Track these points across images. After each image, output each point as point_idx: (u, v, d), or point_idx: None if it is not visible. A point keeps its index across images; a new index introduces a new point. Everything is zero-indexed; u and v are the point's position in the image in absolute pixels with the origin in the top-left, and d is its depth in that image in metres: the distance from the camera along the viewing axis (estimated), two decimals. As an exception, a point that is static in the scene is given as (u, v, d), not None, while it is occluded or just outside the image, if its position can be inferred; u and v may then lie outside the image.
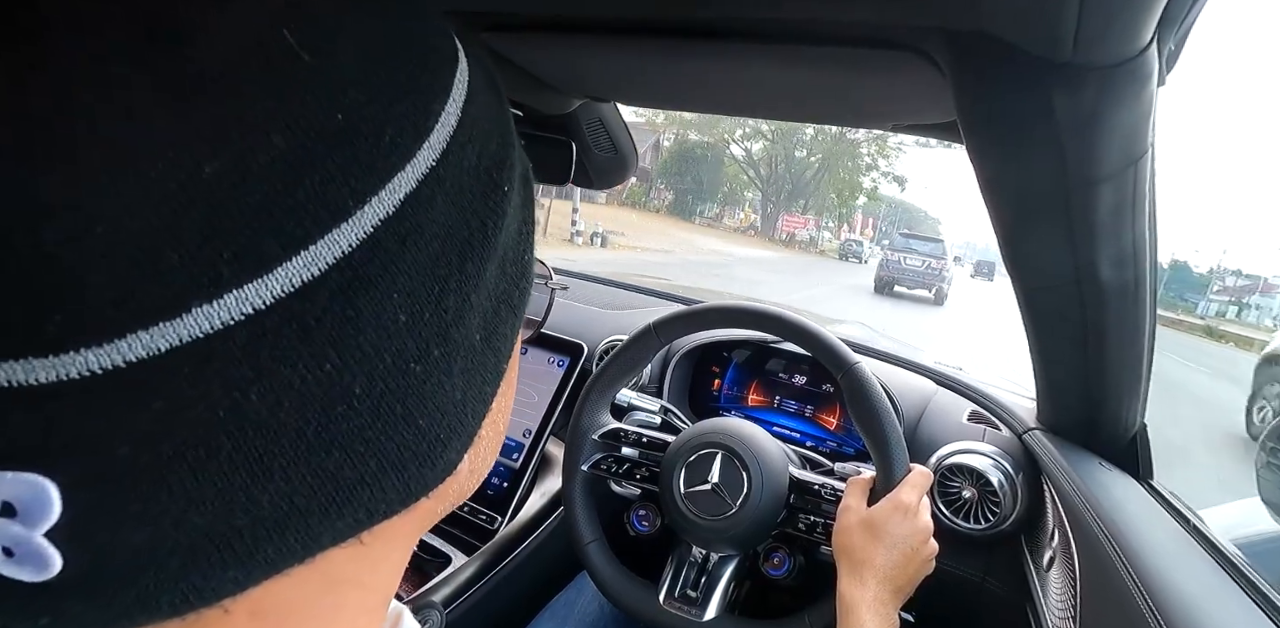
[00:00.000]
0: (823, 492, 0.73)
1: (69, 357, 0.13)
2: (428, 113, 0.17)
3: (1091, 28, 0.31)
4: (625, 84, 0.67)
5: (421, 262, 0.17)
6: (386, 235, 0.16)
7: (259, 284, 0.14)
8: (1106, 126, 0.38)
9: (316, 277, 0.15)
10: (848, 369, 0.69)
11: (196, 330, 0.14)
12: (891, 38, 0.41)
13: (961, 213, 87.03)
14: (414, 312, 0.17)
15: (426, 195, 0.17)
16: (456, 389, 0.19)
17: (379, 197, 0.16)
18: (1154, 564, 0.50)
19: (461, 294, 0.18)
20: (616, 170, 0.89)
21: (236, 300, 0.14)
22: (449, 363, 0.18)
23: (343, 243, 0.15)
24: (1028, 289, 0.59)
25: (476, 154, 0.19)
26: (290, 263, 0.15)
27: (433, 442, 0.18)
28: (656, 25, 0.48)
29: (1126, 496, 0.64)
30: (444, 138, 0.17)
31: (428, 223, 0.17)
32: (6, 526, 0.14)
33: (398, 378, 0.17)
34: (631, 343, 0.80)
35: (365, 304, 0.16)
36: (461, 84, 0.19)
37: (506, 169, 0.20)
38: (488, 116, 0.20)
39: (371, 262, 0.16)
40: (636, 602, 0.76)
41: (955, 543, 0.79)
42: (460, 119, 0.18)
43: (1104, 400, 0.66)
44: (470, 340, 0.19)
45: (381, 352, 0.16)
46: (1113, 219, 0.47)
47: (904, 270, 14.34)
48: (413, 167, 0.17)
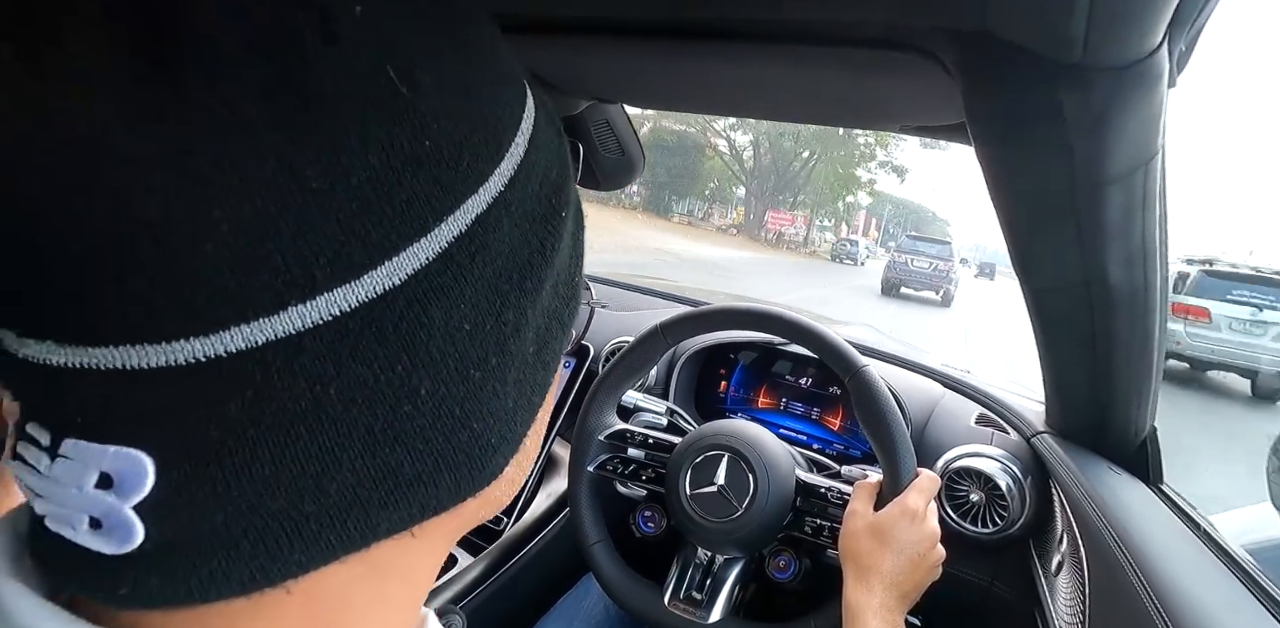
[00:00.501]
0: (829, 495, 0.72)
1: (179, 344, 0.15)
2: (500, 143, 0.19)
3: (1101, 29, 0.31)
4: (632, 86, 0.68)
5: (487, 276, 0.18)
6: (459, 251, 0.18)
7: (348, 288, 0.16)
8: (1116, 128, 0.38)
9: (397, 285, 0.17)
10: (855, 372, 0.69)
11: (290, 327, 0.15)
12: (899, 39, 0.41)
13: (970, 214, 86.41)
14: (478, 322, 0.18)
15: (495, 217, 0.19)
16: (509, 397, 0.20)
17: (454, 216, 0.17)
18: (1164, 570, 0.50)
19: (520, 309, 0.20)
20: (624, 172, 0.89)
21: (327, 302, 0.16)
22: (504, 372, 0.20)
23: (422, 255, 0.17)
24: (1036, 291, 0.59)
25: (539, 182, 0.20)
26: (376, 271, 0.16)
27: (484, 445, 0.20)
28: (663, 26, 0.48)
29: (1136, 500, 0.63)
30: (512, 166, 0.19)
31: (494, 242, 0.19)
32: (102, 497, 0.16)
33: (459, 382, 0.18)
34: (638, 344, 0.80)
35: (437, 312, 0.17)
36: (529, 120, 0.21)
37: (563, 196, 0.22)
38: (549, 149, 0.21)
39: (445, 273, 0.17)
40: (641, 603, 0.76)
41: (962, 547, 0.78)
42: (527, 150, 0.20)
43: (1113, 404, 0.66)
44: (524, 352, 0.20)
45: (447, 357, 0.18)
46: (1122, 221, 0.46)
47: (911, 272, 14.36)
48: (484, 190, 0.18)
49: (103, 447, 0.16)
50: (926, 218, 68.27)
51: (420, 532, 0.20)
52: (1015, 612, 0.77)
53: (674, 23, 0.47)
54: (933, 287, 14.38)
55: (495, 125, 0.19)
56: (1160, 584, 0.48)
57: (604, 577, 0.78)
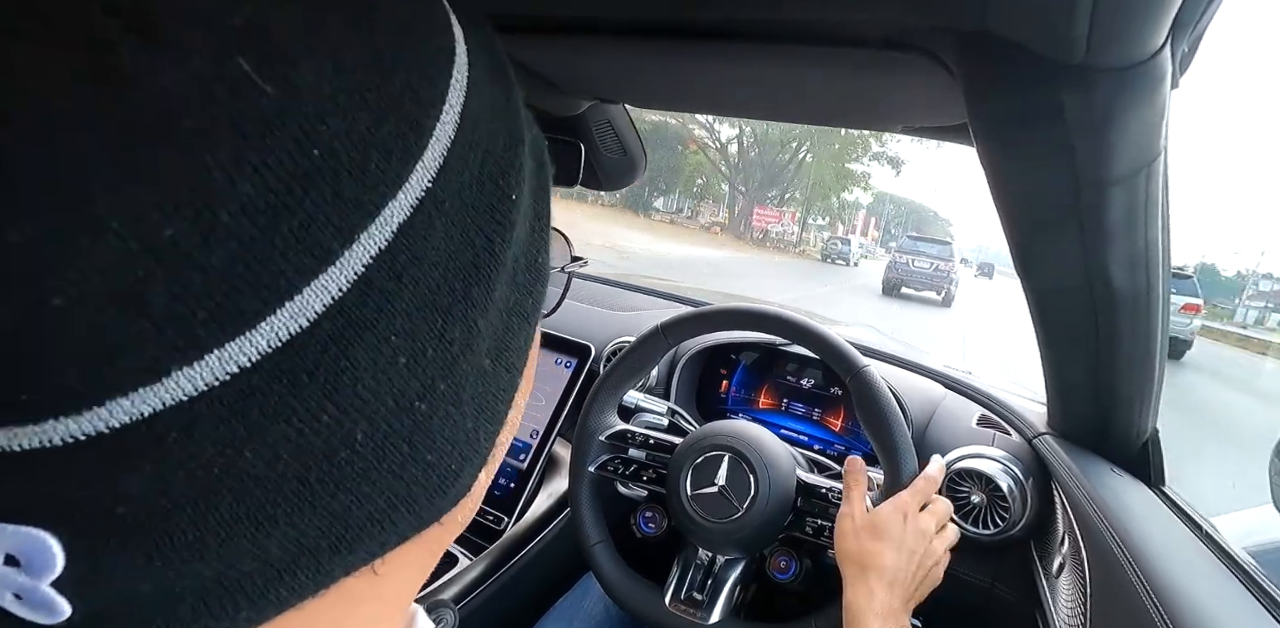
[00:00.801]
0: (830, 495, 0.72)
1: (49, 425, 0.13)
2: (420, 129, 0.15)
3: (1104, 30, 0.31)
4: (634, 86, 0.68)
5: (420, 296, 0.15)
6: (379, 274, 0.15)
7: (241, 342, 0.13)
8: (1119, 129, 0.38)
9: (305, 328, 0.14)
10: (856, 373, 0.69)
11: (179, 393, 0.13)
12: (901, 39, 0.41)
13: (973, 215, 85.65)
14: (415, 351, 0.16)
15: (423, 222, 0.15)
16: (467, 418, 0.18)
17: (368, 232, 0.14)
18: (1166, 572, 0.50)
19: (467, 322, 0.17)
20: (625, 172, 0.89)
21: (219, 360, 0.13)
22: (457, 393, 0.17)
23: (331, 289, 0.14)
24: (1038, 292, 0.59)
25: (479, 163, 0.17)
26: (274, 317, 0.13)
27: (444, 473, 0.18)
28: (665, 27, 0.48)
29: (1138, 502, 0.63)
30: (440, 153, 0.16)
31: (426, 252, 0.15)
32: (13, 575, 0.14)
33: (402, 419, 0.16)
34: (639, 344, 0.80)
35: (361, 351, 0.15)
36: (460, 81, 0.16)
37: (514, 172, 0.18)
38: (492, 112, 0.18)
39: (365, 305, 0.14)
40: (642, 604, 0.76)
41: (964, 549, 0.78)
42: (458, 126, 0.16)
43: (1115, 405, 0.66)
44: (479, 365, 0.18)
45: (383, 396, 0.15)
46: (1124, 222, 0.46)
47: (912, 272, 14.47)
48: (405, 193, 0.15)
49: (1, 526, 0.13)
50: (928, 218, 67.12)
51: (384, 566, 0.19)
52: (1016, 613, 0.77)
53: (676, 23, 0.47)
54: (933, 287, 14.48)
55: (410, 105, 0.15)
56: (1161, 586, 0.48)
57: (604, 577, 0.78)
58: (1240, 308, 31.97)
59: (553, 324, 1.05)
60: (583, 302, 1.22)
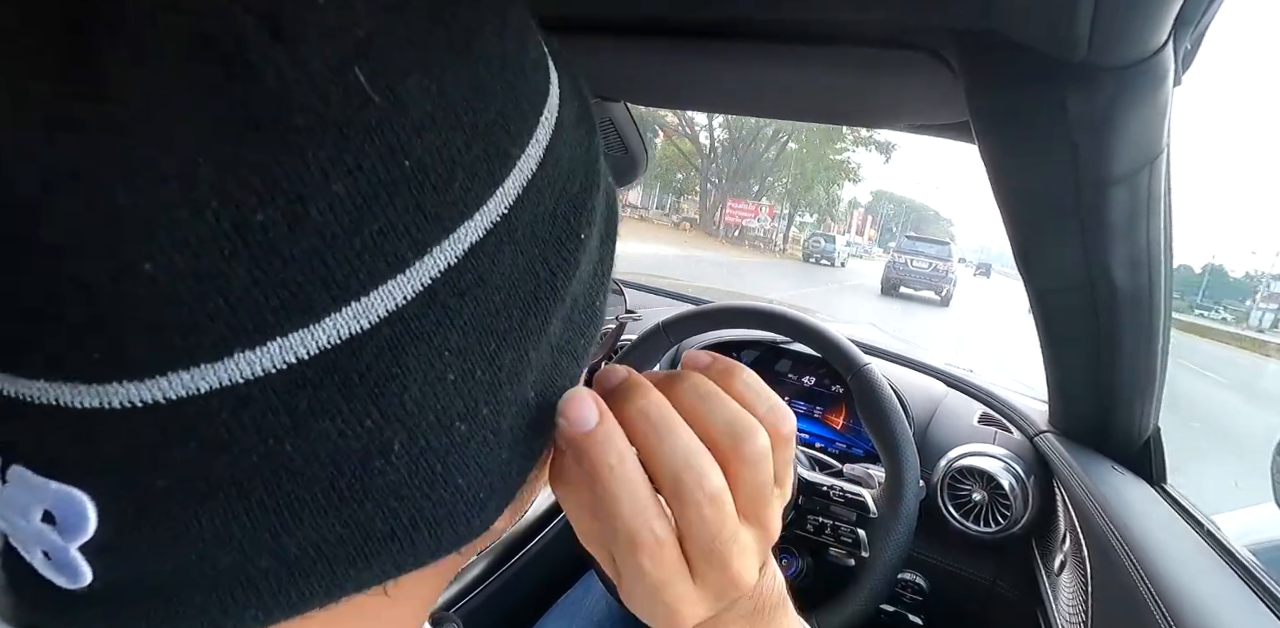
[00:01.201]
0: (831, 494, 0.73)
1: (110, 387, 0.13)
2: (505, 157, 0.16)
3: (1106, 28, 0.31)
4: (635, 84, 0.67)
5: (479, 317, 0.16)
6: (445, 288, 0.15)
7: (304, 334, 0.14)
8: (1121, 127, 0.38)
9: (365, 330, 0.14)
10: (857, 371, 0.69)
11: (237, 375, 0.14)
12: (903, 38, 0.41)
13: (975, 214, 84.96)
14: (465, 370, 0.16)
15: (494, 245, 0.16)
16: (503, 448, 0.18)
17: (440, 247, 0.15)
18: (1167, 569, 0.50)
19: (520, 351, 0.17)
20: (627, 170, 0.89)
21: (280, 349, 0.14)
22: (497, 421, 0.17)
23: (397, 296, 0.14)
24: (1040, 291, 0.59)
25: (554, 199, 0.17)
26: (339, 314, 0.14)
27: (470, 501, 0.17)
28: (667, 25, 0.47)
29: (1139, 499, 0.63)
30: (520, 183, 0.16)
31: (491, 275, 0.16)
32: (48, 532, 0.14)
33: (440, 436, 0.16)
34: (640, 342, 0.80)
35: (414, 361, 0.15)
36: (549, 120, 0.17)
37: (586, 213, 0.19)
38: (573, 155, 0.18)
39: (425, 316, 0.15)
40: None
41: (965, 546, 0.78)
42: (541, 161, 0.17)
43: (1117, 403, 0.66)
44: (523, 397, 0.18)
45: (425, 409, 0.16)
46: (1126, 221, 0.46)
47: (910, 272, 14.64)
48: (482, 215, 0.15)
49: (44, 480, 0.14)
50: (929, 217, 65.62)
51: (397, 588, 0.18)
52: (1017, 611, 0.77)
53: (678, 21, 0.47)
54: (931, 286, 14.63)
55: (500, 134, 0.16)
56: (1162, 584, 0.48)
57: (606, 574, 0.78)
58: (1254, 310, 31.56)
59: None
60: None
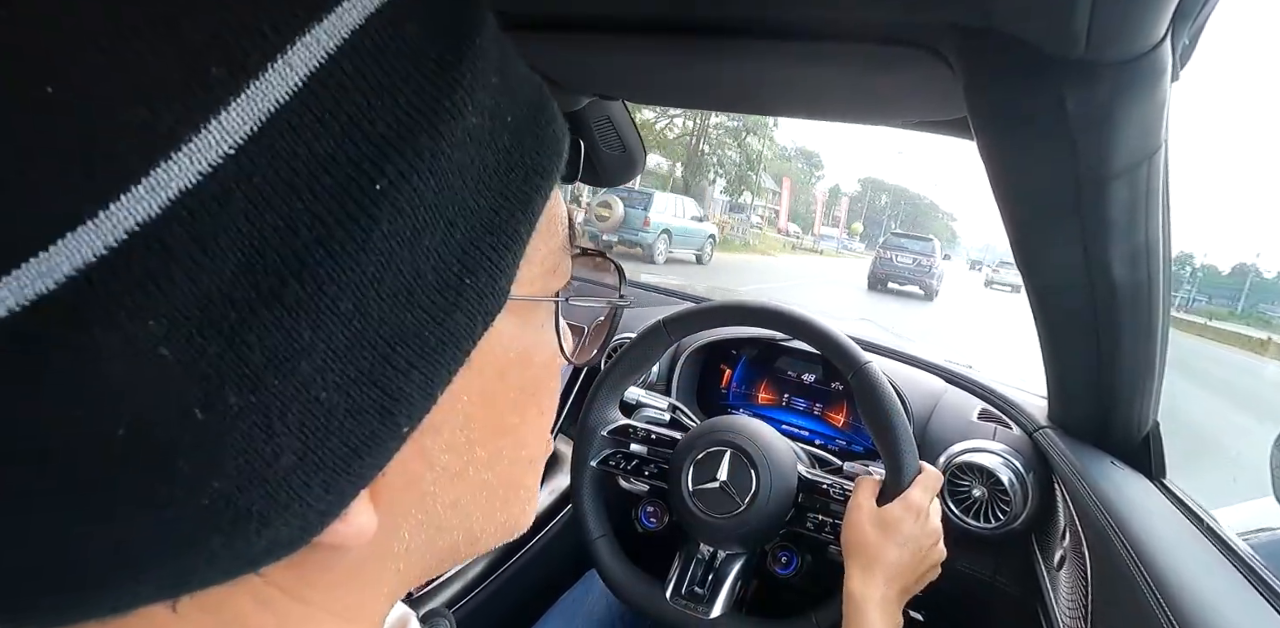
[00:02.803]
0: (831, 491, 0.73)
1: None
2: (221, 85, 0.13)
3: (1104, 23, 0.31)
4: (633, 82, 0.67)
5: (202, 282, 0.13)
6: (142, 245, 0.13)
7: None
8: (1119, 123, 0.38)
9: (48, 291, 0.12)
10: (858, 369, 0.69)
11: None
12: (901, 34, 0.41)
13: (979, 212, 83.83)
14: (187, 346, 0.13)
15: (214, 192, 0.13)
16: (284, 453, 0.15)
17: (132, 194, 0.13)
18: (1166, 564, 0.50)
19: (284, 329, 0.14)
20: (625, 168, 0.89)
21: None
22: (264, 417, 0.14)
23: (83, 252, 0.12)
24: (1040, 287, 0.59)
25: (335, 136, 0.14)
26: (20, 272, 0.12)
27: (240, 513, 0.15)
28: (665, 23, 0.47)
29: (1139, 495, 0.63)
30: (260, 113, 0.14)
31: (217, 230, 0.13)
32: None
33: (175, 428, 0.14)
34: (641, 339, 0.80)
35: (104, 331, 0.13)
36: (356, 7, 0.15)
37: (403, 152, 0.15)
38: (385, 68, 0.15)
39: (117, 279, 0.13)
40: (643, 598, 0.76)
41: (965, 542, 0.78)
42: (312, 77, 0.14)
43: (1116, 399, 0.66)
44: (309, 393, 0.15)
45: (142, 392, 0.13)
46: (1125, 217, 0.46)
47: (895, 267, 15.18)
48: (193, 151, 0.13)
49: None
50: (925, 209, 62.62)
51: (186, 606, 0.17)
52: (1017, 606, 0.77)
53: (676, 19, 0.47)
54: (916, 281, 15.14)
55: None
56: (1162, 578, 0.48)
57: (606, 571, 0.78)
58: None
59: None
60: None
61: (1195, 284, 57.28)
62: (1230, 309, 48.88)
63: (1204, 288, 57.08)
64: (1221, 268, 66.40)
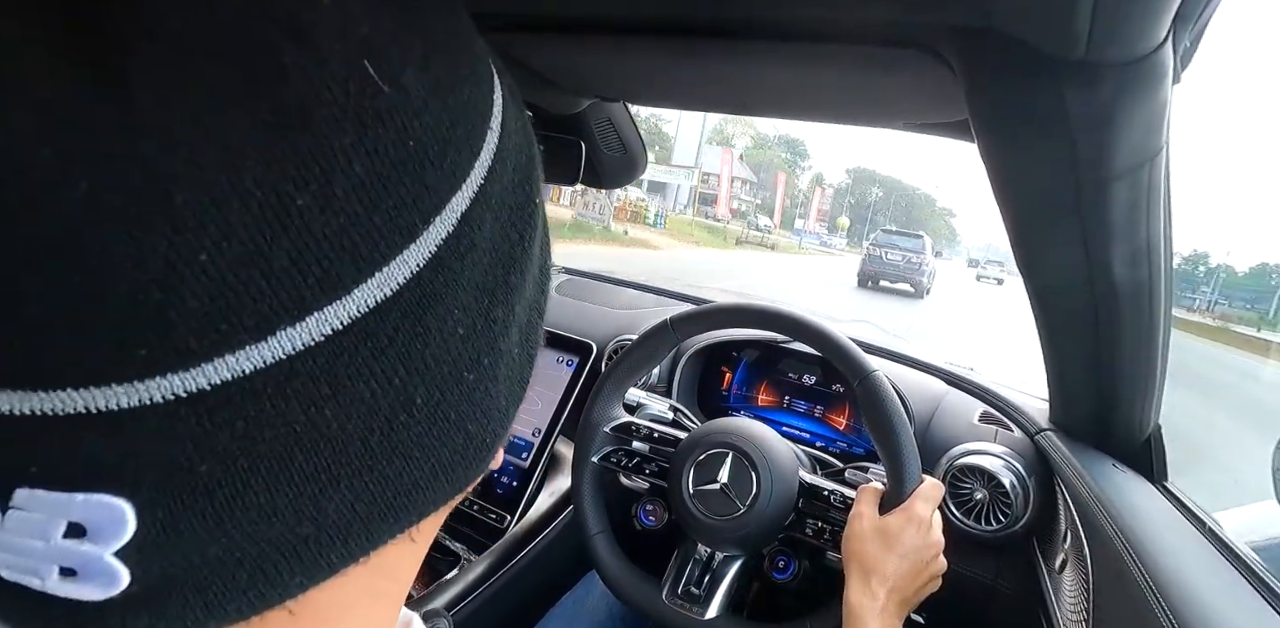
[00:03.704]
0: (832, 498, 0.72)
1: (154, 382, 0.13)
2: (480, 134, 0.18)
3: (1105, 25, 0.31)
4: (634, 84, 0.67)
5: (476, 277, 0.18)
6: (448, 252, 0.17)
7: (339, 305, 0.15)
8: (1120, 125, 0.38)
9: (390, 296, 0.16)
10: (865, 377, 0.68)
11: (280, 352, 0.14)
12: (902, 36, 0.41)
13: (979, 207, 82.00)
14: (470, 324, 0.18)
15: (478, 212, 0.18)
16: (500, 395, 0.20)
17: (441, 217, 0.17)
18: (1168, 567, 0.50)
19: (508, 305, 0.19)
20: (626, 170, 0.89)
21: (318, 322, 0.15)
22: (495, 370, 0.19)
23: (411, 262, 0.16)
24: (1040, 289, 0.59)
25: (513, 169, 0.19)
26: (366, 284, 0.15)
27: (479, 445, 0.20)
28: (666, 25, 0.47)
29: (1141, 497, 0.63)
30: (489, 156, 0.18)
31: (480, 239, 0.18)
32: (74, 547, 0.14)
33: (453, 387, 0.18)
34: (646, 338, 0.80)
35: (431, 319, 0.17)
36: (499, 104, 0.19)
37: (534, 180, 0.21)
38: (519, 133, 0.20)
39: (436, 278, 0.17)
40: (639, 596, 0.76)
41: (966, 545, 0.78)
42: (500, 137, 0.19)
43: (1118, 401, 0.66)
44: (510, 349, 0.20)
45: (440, 363, 0.17)
46: (1126, 218, 0.46)
47: (885, 265, 15.22)
48: (467, 187, 0.17)
49: (69, 496, 0.14)
50: (920, 202, 58.37)
51: (418, 533, 0.20)
52: (1019, 609, 0.77)
53: (677, 21, 0.47)
54: (906, 279, 15.15)
55: (473, 115, 0.18)
56: (1164, 581, 0.48)
57: (603, 568, 0.78)
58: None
59: (554, 322, 1.05)
60: (583, 300, 1.22)
61: (1215, 285, 55.25)
62: (1259, 313, 45.62)
63: (1224, 290, 54.68)
64: (1239, 268, 64.48)
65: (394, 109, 0.15)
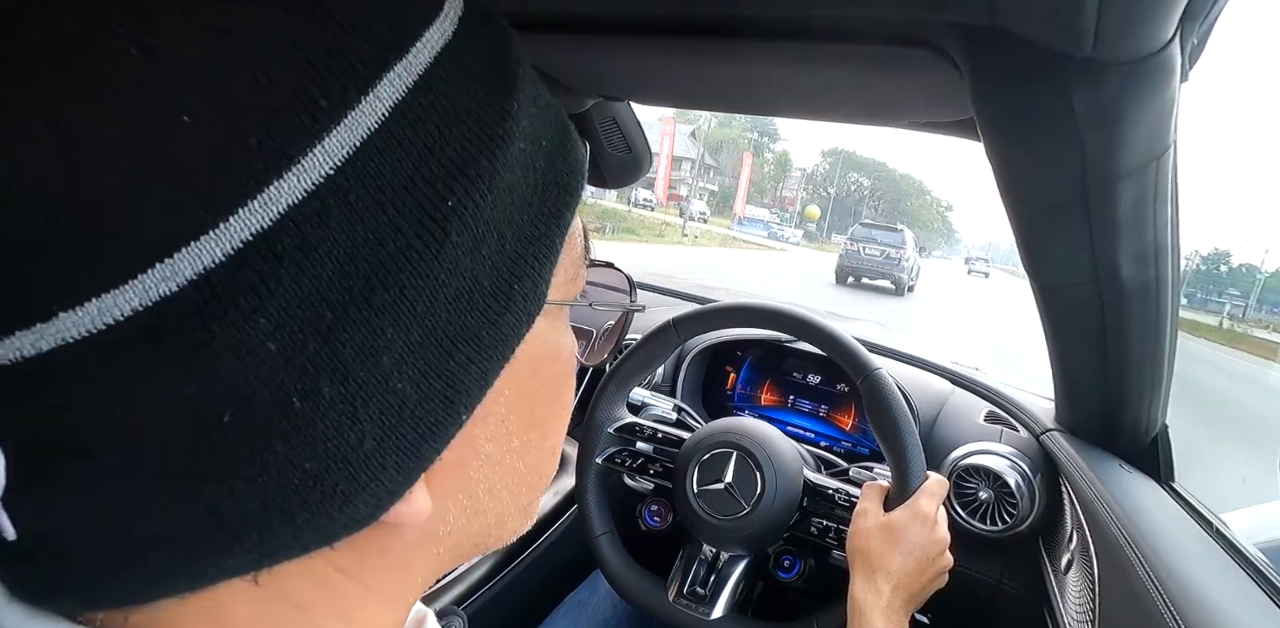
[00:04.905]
0: (836, 497, 0.72)
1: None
2: (323, 114, 0.15)
3: (1112, 22, 0.30)
4: (639, 83, 0.67)
5: (305, 285, 0.15)
6: (256, 253, 0.14)
7: (115, 295, 0.14)
8: (1128, 123, 0.38)
9: (172, 292, 0.14)
10: (868, 375, 0.68)
11: (66, 336, 0.14)
12: (907, 34, 0.41)
13: (979, 199, 78.51)
14: (290, 342, 0.15)
15: (317, 209, 0.15)
16: (365, 437, 0.17)
17: (248, 208, 0.14)
18: (1175, 568, 0.50)
19: (371, 328, 0.16)
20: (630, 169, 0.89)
21: (98, 310, 0.14)
22: (351, 405, 0.16)
23: (204, 258, 0.14)
24: (1046, 288, 0.59)
25: (416, 161, 0.16)
26: (145, 276, 0.14)
27: (327, 491, 0.17)
28: (670, 24, 0.47)
29: (1147, 498, 0.63)
30: (351, 142, 0.15)
31: (320, 241, 0.15)
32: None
33: (274, 414, 0.15)
34: (650, 339, 0.80)
35: (220, 327, 0.14)
36: (409, 69, 0.16)
37: (465, 178, 0.17)
38: (450, 112, 0.17)
39: (235, 281, 0.14)
40: (645, 596, 0.76)
41: (971, 545, 0.78)
42: (384, 120, 0.16)
43: (1124, 401, 0.65)
44: (389, 384, 0.17)
45: (245, 381, 0.15)
46: (1134, 217, 0.46)
47: (863, 260, 14.39)
48: (297, 175, 0.15)
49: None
50: (910, 191, 51.40)
51: (270, 579, 0.18)
52: (1024, 609, 0.77)
53: (682, 20, 0.47)
54: (885, 275, 14.35)
55: (311, 86, 0.15)
56: (1171, 582, 0.48)
57: (608, 569, 0.78)
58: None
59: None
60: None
61: (1257, 290, 51.57)
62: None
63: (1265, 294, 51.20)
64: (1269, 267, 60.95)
65: (149, 74, 0.14)
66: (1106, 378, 0.64)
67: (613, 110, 0.80)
